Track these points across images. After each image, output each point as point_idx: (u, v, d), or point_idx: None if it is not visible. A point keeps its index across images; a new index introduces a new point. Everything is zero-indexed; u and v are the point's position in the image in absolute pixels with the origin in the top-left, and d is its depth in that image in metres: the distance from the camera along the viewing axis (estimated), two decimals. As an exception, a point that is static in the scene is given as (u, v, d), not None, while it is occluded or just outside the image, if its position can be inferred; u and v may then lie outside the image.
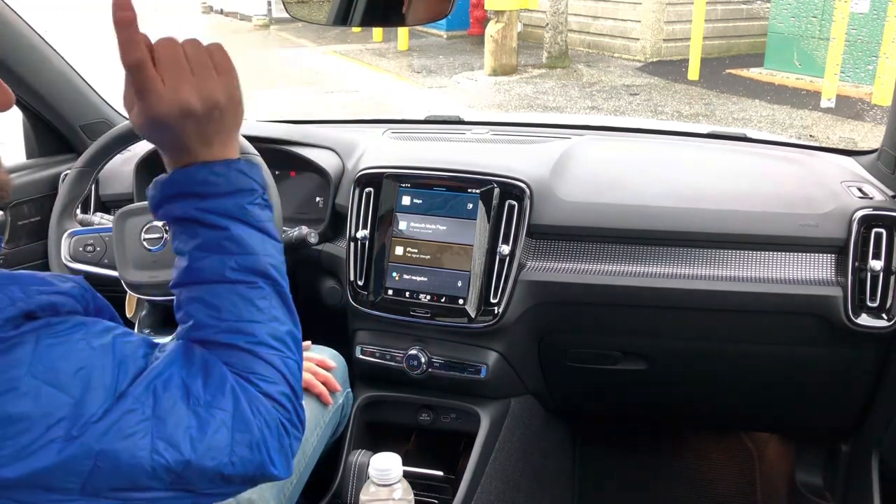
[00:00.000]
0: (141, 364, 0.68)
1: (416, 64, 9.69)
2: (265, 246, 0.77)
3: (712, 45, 8.85)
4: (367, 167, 1.53)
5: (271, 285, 0.77)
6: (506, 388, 1.53)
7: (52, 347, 0.64)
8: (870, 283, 1.31)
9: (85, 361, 0.65)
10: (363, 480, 1.30)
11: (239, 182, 0.76)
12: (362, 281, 1.49)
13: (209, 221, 0.75)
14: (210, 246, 0.75)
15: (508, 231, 1.42)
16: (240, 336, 0.74)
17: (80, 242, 1.45)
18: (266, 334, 0.75)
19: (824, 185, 1.44)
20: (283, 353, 0.76)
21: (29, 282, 0.67)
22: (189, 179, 0.75)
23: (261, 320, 0.75)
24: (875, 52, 6.67)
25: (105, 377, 0.65)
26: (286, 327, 0.77)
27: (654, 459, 2.04)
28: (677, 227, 1.40)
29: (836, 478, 1.65)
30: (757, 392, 1.57)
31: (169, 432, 0.66)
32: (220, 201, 0.75)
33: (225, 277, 0.75)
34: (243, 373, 0.73)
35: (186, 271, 0.76)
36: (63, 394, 0.62)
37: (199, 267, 0.75)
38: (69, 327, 0.66)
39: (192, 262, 0.75)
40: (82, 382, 0.64)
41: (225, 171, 0.75)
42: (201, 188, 0.75)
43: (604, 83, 8.24)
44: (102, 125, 1.74)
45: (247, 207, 0.76)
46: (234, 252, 0.75)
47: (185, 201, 0.75)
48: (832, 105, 6.65)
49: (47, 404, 0.61)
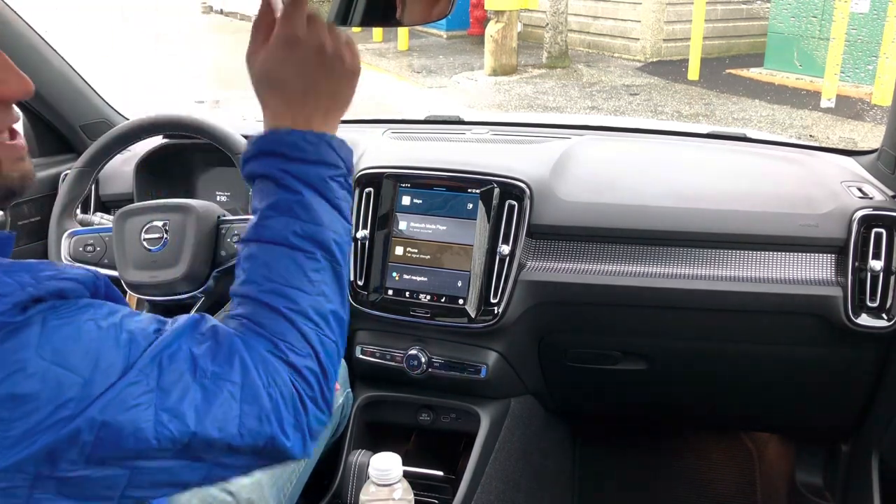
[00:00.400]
0: (151, 339, 0.68)
1: (416, 64, 9.69)
2: (334, 221, 0.78)
3: (712, 45, 8.85)
4: (367, 167, 1.53)
5: (329, 261, 0.77)
6: (506, 388, 1.54)
7: (59, 328, 0.63)
8: (870, 283, 1.31)
9: (93, 341, 0.64)
10: (363, 480, 1.30)
11: (326, 155, 0.79)
12: (362, 281, 1.49)
13: (286, 183, 0.77)
14: (281, 207, 0.76)
15: (508, 231, 1.42)
16: (282, 300, 0.74)
17: (80, 242, 1.45)
18: (309, 306, 0.74)
19: (824, 185, 1.44)
20: (321, 329, 0.75)
21: (39, 268, 0.67)
22: (280, 140, 0.78)
23: (309, 291, 0.75)
24: (875, 52, 6.67)
25: (114, 356, 0.65)
26: (332, 306, 0.76)
27: (654, 459, 2.04)
28: (677, 227, 1.40)
29: (836, 478, 1.65)
30: (757, 392, 1.57)
31: (172, 403, 0.66)
32: (302, 167, 0.77)
33: (286, 240, 0.75)
34: (274, 337, 0.72)
35: (253, 228, 0.77)
36: (72, 374, 0.62)
37: (265, 225, 0.76)
38: (76, 309, 0.66)
39: (261, 219, 0.77)
40: (91, 362, 0.63)
41: (316, 141, 0.78)
42: (289, 150, 0.77)
43: (604, 83, 8.23)
44: (102, 125, 1.74)
45: (326, 180, 0.78)
46: (302, 218, 0.76)
47: (271, 159, 0.78)
48: (832, 105, 6.65)
49: (56, 384, 0.61)
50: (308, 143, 0.78)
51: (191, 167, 1.76)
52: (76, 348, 0.63)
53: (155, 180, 1.71)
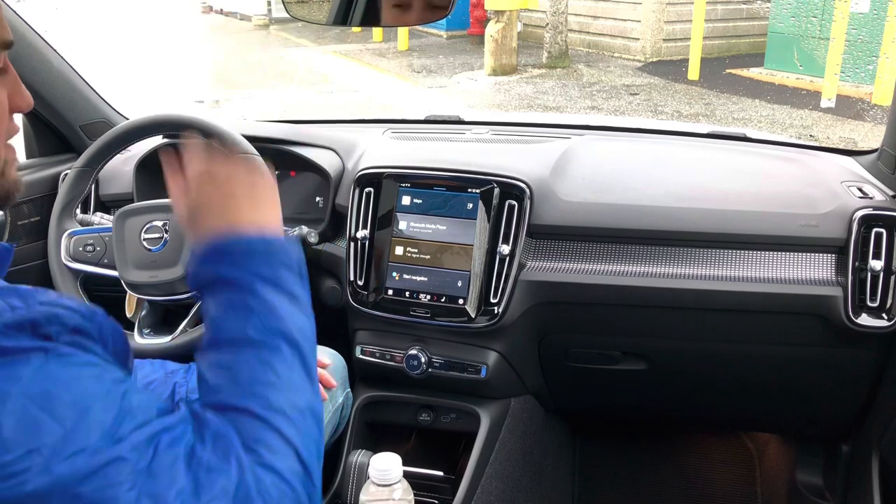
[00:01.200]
0: (150, 417, 0.64)
1: (416, 64, 9.69)
2: (294, 314, 0.75)
3: (712, 45, 8.85)
4: (367, 167, 1.53)
5: (295, 352, 0.73)
6: (506, 387, 1.53)
7: (56, 373, 0.60)
8: (870, 283, 1.31)
9: (87, 394, 0.61)
10: (363, 480, 1.29)
11: (271, 249, 0.78)
12: (362, 281, 1.49)
13: (236, 281, 0.75)
14: (235, 306, 0.74)
15: (508, 231, 1.41)
16: (253, 400, 0.69)
17: (80, 242, 1.45)
18: (282, 402, 0.70)
19: (824, 185, 1.44)
20: (297, 425, 0.70)
21: (30, 293, 0.65)
22: (221, 246, 0.77)
23: (279, 387, 0.71)
24: (875, 52, 6.66)
25: (104, 416, 0.61)
26: (305, 398, 0.72)
27: (654, 459, 2.04)
28: (677, 227, 1.40)
29: (836, 478, 1.65)
30: (757, 392, 1.57)
31: (159, 490, 0.61)
32: (249, 263, 0.76)
33: (246, 337, 0.72)
34: (250, 441, 0.67)
35: (208, 336, 0.74)
36: (53, 421, 0.58)
37: (220, 328, 0.74)
38: (83, 361, 0.63)
39: (216, 322, 0.74)
40: (77, 413, 0.59)
41: (258, 237, 0.78)
42: (233, 250, 0.77)
43: (604, 83, 8.23)
44: (102, 125, 1.74)
45: (279, 271, 0.76)
46: (258, 312, 0.73)
47: (215, 265, 0.76)
48: (832, 105, 6.64)
49: (32, 426, 0.58)
50: (250, 240, 0.78)
51: (191, 167, 1.76)
52: (66, 395, 0.60)
53: (155, 180, 1.71)
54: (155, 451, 0.63)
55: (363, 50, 10.52)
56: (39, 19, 1.82)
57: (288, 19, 11.78)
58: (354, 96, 8.05)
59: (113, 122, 1.79)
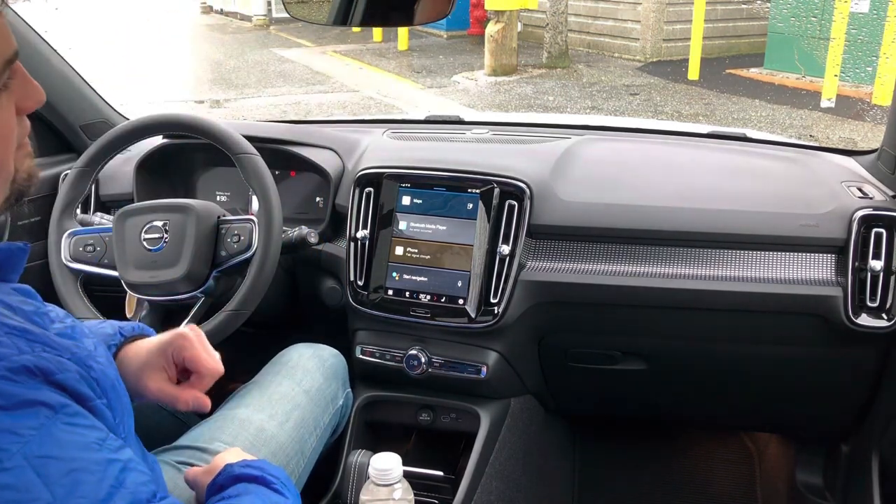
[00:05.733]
0: (140, 498, 0.64)
1: (416, 64, 9.69)
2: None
3: (712, 45, 8.85)
4: (367, 167, 1.53)
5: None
6: (506, 388, 1.53)
7: (59, 435, 0.59)
8: (870, 283, 1.31)
9: (83, 465, 0.60)
10: (363, 480, 1.29)
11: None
12: (362, 281, 1.49)
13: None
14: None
15: (508, 231, 1.42)
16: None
17: (80, 242, 1.45)
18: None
19: (824, 185, 1.44)
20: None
21: (38, 339, 0.64)
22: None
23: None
24: (875, 52, 6.66)
25: (96, 490, 0.60)
26: None
27: (653, 459, 2.04)
28: (677, 227, 1.40)
29: (836, 478, 1.65)
30: (757, 392, 1.57)
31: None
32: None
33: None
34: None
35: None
36: (45, 488, 0.57)
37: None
38: (88, 425, 0.63)
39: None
40: (69, 485, 0.59)
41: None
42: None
43: (604, 83, 8.23)
44: (102, 125, 1.74)
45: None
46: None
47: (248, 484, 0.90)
48: (832, 105, 6.64)
49: (24, 491, 0.57)
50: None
51: (191, 167, 1.76)
52: (62, 465, 0.59)
53: (155, 180, 1.71)
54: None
55: (363, 50, 10.52)
56: (39, 20, 1.82)
57: (288, 19, 11.78)
58: (354, 96, 8.05)
59: (113, 122, 1.79)
